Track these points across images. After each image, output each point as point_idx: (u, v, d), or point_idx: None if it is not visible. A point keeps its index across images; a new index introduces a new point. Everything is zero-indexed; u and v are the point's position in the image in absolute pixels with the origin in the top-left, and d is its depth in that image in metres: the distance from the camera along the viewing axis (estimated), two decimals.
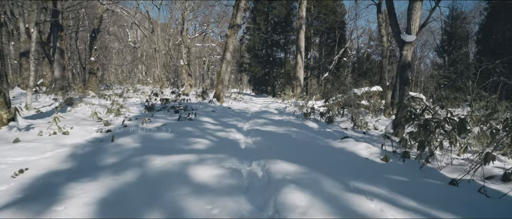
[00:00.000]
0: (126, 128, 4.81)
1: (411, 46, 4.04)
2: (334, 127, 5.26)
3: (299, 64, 15.45)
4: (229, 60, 11.96)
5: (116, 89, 18.10)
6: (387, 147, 3.48)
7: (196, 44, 28.23)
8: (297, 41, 15.72)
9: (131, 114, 7.22)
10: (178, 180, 2.31)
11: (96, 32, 11.89)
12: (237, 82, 45.56)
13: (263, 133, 4.51)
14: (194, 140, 3.88)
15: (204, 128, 5.14)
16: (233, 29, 11.86)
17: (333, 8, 19.48)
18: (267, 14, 21.56)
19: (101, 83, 23.66)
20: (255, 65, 22.14)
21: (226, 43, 12.04)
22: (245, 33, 25.22)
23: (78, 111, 7.24)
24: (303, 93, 16.17)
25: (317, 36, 21.20)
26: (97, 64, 11.98)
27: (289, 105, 10.91)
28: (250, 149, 3.59)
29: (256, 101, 14.03)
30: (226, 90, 13.04)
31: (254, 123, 5.82)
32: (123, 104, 7.64)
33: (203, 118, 6.37)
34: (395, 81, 7.45)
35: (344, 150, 3.17)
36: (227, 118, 6.80)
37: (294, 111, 7.49)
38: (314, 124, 5.26)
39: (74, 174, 2.39)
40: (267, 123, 5.59)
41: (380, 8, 8.57)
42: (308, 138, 3.92)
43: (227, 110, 9.13)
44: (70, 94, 10.33)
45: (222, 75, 11.78)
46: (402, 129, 4.07)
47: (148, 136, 4.00)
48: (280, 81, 22.11)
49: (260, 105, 11.73)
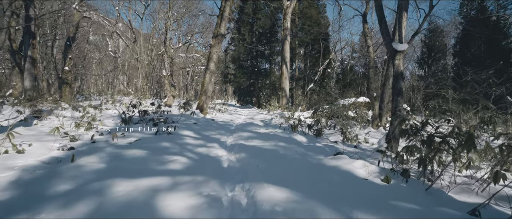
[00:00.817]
0: (94, 144, 4.28)
1: (403, 55, 3.84)
2: (323, 141, 4.96)
3: (285, 75, 15.30)
4: (213, 70, 11.59)
5: (94, 100, 17.23)
6: (384, 164, 3.19)
7: (180, 54, 27.70)
8: (282, 52, 15.62)
9: (105, 127, 6.65)
10: (143, 213, 1.87)
11: (71, 40, 11.22)
12: (222, 93, 45.12)
13: (248, 148, 4.12)
14: (170, 158, 3.43)
15: (183, 143, 4.69)
16: (217, 39, 11.55)
17: (317, 20, 19.70)
18: (251, 25, 21.51)
19: (79, 94, 22.58)
20: (240, 76, 21.89)
21: (210, 53, 11.68)
22: (230, 43, 25.06)
23: (45, 124, 6.59)
24: (288, 104, 15.96)
25: (302, 47, 21.30)
26: (71, 74, 11.25)
27: (274, 117, 10.60)
28: (233, 167, 3.19)
29: (241, 112, 13.65)
30: (209, 101, 12.59)
31: (238, 136, 5.42)
32: (96, 117, 7.05)
33: (183, 132, 5.91)
34: (381, 92, 7.32)
35: (339, 168, 2.84)
36: (210, 131, 6.37)
37: (280, 123, 7.19)
38: (303, 138, 4.94)
39: (8, 209, 1.89)
40: (252, 136, 5.21)
41: (365, 18, 8.55)
42: (298, 154, 3.57)
43: (210, 122, 8.69)
44: (40, 106, 9.58)
45: (205, 86, 11.35)
46: (396, 143, 3.82)
47: (117, 154, 3.51)
48: (265, 92, 21.92)
49: (245, 117, 11.35)
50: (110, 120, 8.03)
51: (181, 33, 26.91)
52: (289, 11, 15.40)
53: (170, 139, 4.87)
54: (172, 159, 3.40)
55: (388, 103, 7.24)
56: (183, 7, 23.95)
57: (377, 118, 7.30)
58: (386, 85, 7.16)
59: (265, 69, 22.08)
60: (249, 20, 21.20)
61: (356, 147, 4.47)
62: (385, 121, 7.34)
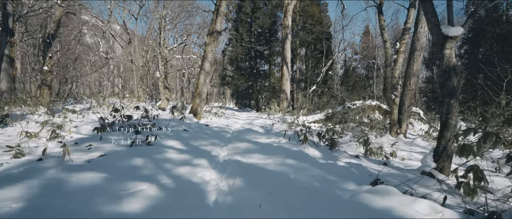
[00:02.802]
0: (40, 162, 3.21)
1: (456, 42, 2.84)
2: (341, 154, 3.93)
3: (285, 76, 14.28)
4: (208, 71, 10.54)
5: (85, 103, 16.15)
6: (443, 195, 2.14)
7: (176, 56, 26.66)
8: (282, 52, 14.61)
9: (77, 135, 5.61)
10: None
11: (51, 38, 10.17)
12: (219, 96, 44.08)
13: (246, 169, 3.08)
14: (135, 186, 2.38)
15: (162, 158, 3.63)
16: (213, 36, 10.52)
17: (319, 18, 18.71)
18: (250, 25, 20.53)
19: (70, 96, 21.49)
20: (238, 78, 20.84)
21: (205, 52, 10.65)
22: (228, 44, 24.09)
23: (8, 131, 5.56)
24: (289, 107, 14.94)
25: (303, 48, 20.28)
26: (51, 75, 10.18)
27: (276, 122, 9.56)
28: (222, 205, 2.14)
29: (239, 116, 12.59)
30: (204, 104, 11.53)
31: (234, 148, 4.37)
32: (64, 125, 5.99)
33: (168, 141, 4.85)
34: (401, 93, 6.30)
35: (393, 216, 1.78)
36: (201, 140, 5.32)
37: (284, 130, 6.15)
38: (315, 151, 3.91)
39: None
40: (251, 148, 4.16)
41: (381, 10, 7.55)
42: (316, 180, 2.53)
43: (203, 128, 7.63)
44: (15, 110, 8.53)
45: (200, 88, 10.30)
46: (449, 162, 2.80)
47: (59, 180, 2.45)
48: (265, 95, 20.87)
49: (243, 122, 10.30)
50: (89, 126, 7.01)
51: (177, 34, 25.94)
52: (290, 8, 14.42)
53: (147, 153, 3.81)
54: (136, 188, 2.35)
55: (409, 107, 6.22)
56: (179, 7, 22.97)
57: (395, 124, 6.28)
58: (407, 85, 6.14)
59: (264, 70, 21.03)
60: (247, 20, 20.20)
61: (386, 164, 3.44)
62: (405, 128, 6.31)
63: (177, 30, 25.61)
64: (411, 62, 6.09)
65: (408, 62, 6.22)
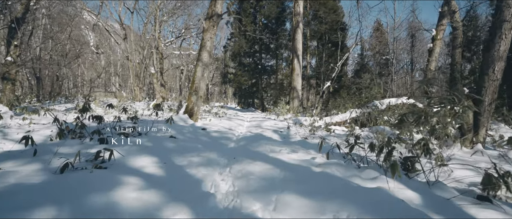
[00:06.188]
0: None
1: None
2: (443, 190, 2.10)
3: (296, 71, 12.40)
4: (206, 62, 8.69)
5: (80, 102, 14.41)
6: None
7: (174, 52, 24.81)
8: (293, 43, 12.72)
9: (9, 145, 3.84)
10: None
11: (16, 23, 8.36)
12: (221, 96, 42.26)
13: None
14: None
15: (101, 207, 1.80)
16: (212, 21, 8.68)
17: (333, 6, 16.70)
18: (254, 16, 18.64)
19: (59, 95, 19.78)
20: (241, 74, 18.91)
21: (203, 40, 8.81)
22: (229, 39, 22.24)
23: None
24: (300, 107, 13.07)
25: (314, 40, 18.29)
26: (16, 67, 8.37)
27: (290, 124, 7.70)
28: None
29: (243, 117, 10.73)
30: (202, 103, 9.68)
31: (242, 175, 2.52)
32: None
33: (136, 159, 3.03)
34: (478, 86, 4.44)
35: None
36: (190, 155, 3.48)
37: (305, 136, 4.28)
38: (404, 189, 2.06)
39: None
40: (274, 179, 2.32)
41: None
42: None
43: (198, 133, 5.79)
44: None
45: (196, 83, 8.45)
46: None
47: None
48: (270, 93, 18.94)
49: (249, 124, 8.44)
50: (49, 130, 5.30)
51: (176, 28, 24.10)
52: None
53: (75, 192, 1.98)
54: None
55: (491, 104, 4.34)
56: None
57: (470, 130, 4.41)
58: (489, 74, 4.28)
59: (270, 66, 19.06)
60: (251, 10, 18.29)
61: None
62: (484, 134, 4.43)
63: (176, 24, 23.81)
64: (494, 42, 4.21)
65: (488, 43, 4.33)
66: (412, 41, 25.66)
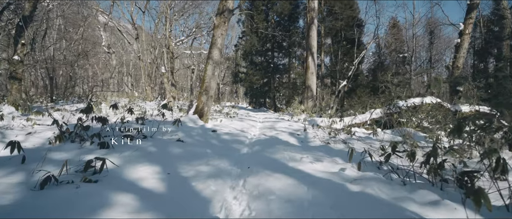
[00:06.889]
0: None
1: None
2: None
3: (311, 69, 11.81)
4: (217, 60, 8.25)
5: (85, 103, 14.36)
6: None
7: (185, 51, 24.61)
8: (307, 40, 12.13)
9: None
10: None
11: (24, 21, 8.19)
12: (232, 95, 41.94)
13: None
14: None
15: None
16: (223, 16, 8.24)
17: (349, 2, 15.96)
18: (266, 14, 18.12)
19: (72, 95, 19.87)
20: (253, 73, 18.42)
21: (213, 37, 8.36)
22: (241, 38, 21.79)
23: None
24: (315, 107, 12.47)
25: (329, 37, 17.57)
26: (23, 66, 8.20)
27: (307, 125, 7.16)
28: None
29: (255, 118, 10.25)
30: (213, 103, 9.28)
31: (259, 194, 2.05)
32: None
33: (135, 169, 2.61)
34: None
35: None
36: (198, 164, 3.04)
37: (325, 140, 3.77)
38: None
39: None
40: (302, 202, 1.83)
41: None
42: None
43: (208, 136, 5.35)
44: None
45: (207, 82, 8.02)
46: None
47: None
48: (283, 93, 18.35)
49: (262, 126, 7.96)
50: (50, 132, 4.99)
51: (187, 28, 23.89)
52: None
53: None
54: None
55: None
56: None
57: None
58: None
59: (283, 64, 18.46)
60: (263, 8, 17.78)
61: None
62: None
63: (187, 23, 23.59)
64: None
65: None
66: (430, 38, 24.52)
